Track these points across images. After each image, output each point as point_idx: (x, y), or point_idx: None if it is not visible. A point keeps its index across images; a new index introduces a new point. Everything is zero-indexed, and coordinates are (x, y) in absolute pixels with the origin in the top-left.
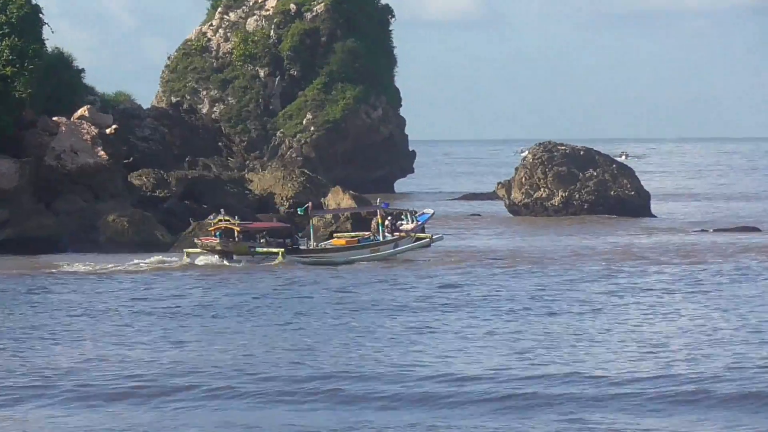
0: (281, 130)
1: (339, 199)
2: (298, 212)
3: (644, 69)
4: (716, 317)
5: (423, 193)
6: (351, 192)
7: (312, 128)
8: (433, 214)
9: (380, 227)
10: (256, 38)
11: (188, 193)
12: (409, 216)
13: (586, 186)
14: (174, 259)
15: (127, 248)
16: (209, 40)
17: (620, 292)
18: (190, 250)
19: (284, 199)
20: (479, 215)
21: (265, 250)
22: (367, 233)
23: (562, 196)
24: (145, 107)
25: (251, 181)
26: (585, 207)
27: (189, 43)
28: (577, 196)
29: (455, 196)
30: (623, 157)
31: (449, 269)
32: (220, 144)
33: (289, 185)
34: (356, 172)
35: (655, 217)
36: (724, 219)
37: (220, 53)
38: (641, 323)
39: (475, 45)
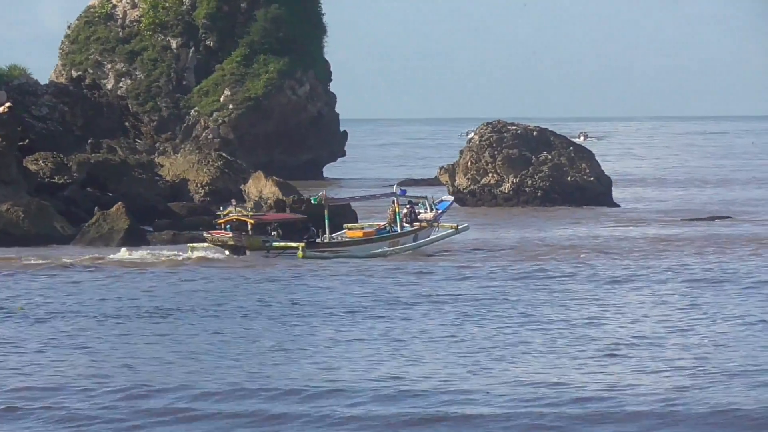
0: (196, 108)
1: (261, 186)
2: (311, 201)
3: (606, 41)
4: (684, 320)
5: (356, 179)
6: (275, 178)
7: (230, 106)
8: (453, 201)
9: (397, 217)
10: (167, 5)
11: (91, 179)
12: (426, 203)
13: (540, 171)
14: (174, 253)
15: (22, 242)
16: (114, 6)
17: (560, 296)
18: (196, 244)
19: (199, 186)
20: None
21: (283, 244)
22: (381, 224)
23: (512, 182)
24: (42, 83)
25: (162, 166)
26: (538, 195)
27: (92, 10)
28: (530, 182)
29: (392, 183)
30: (582, 138)
31: (387, 269)
32: (126, 124)
33: (204, 170)
34: (280, 155)
35: (618, 206)
36: (693, 207)
37: (127, 21)
38: (605, 329)
39: (416, 14)
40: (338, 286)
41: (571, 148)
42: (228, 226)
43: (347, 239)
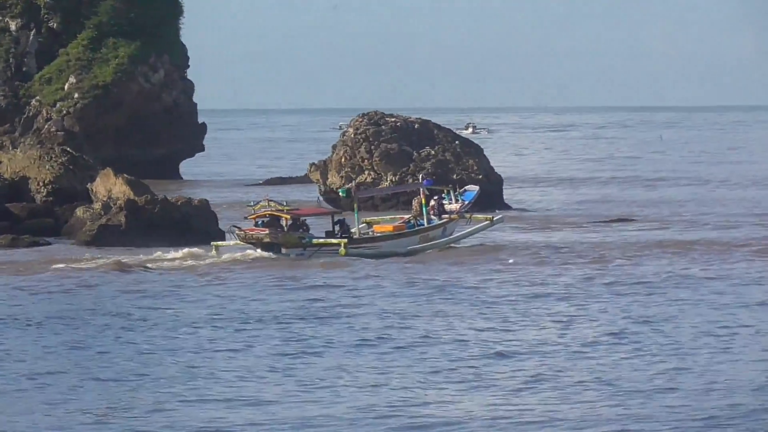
0: (37, 97)
1: (110, 185)
2: (340, 194)
3: (495, 22)
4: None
5: (216, 179)
6: (125, 176)
7: (76, 95)
8: (479, 191)
9: (423, 209)
10: None
11: None
12: (452, 194)
13: (422, 168)
14: (200, 252)
15: None
16: None
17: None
18: (221, 243)
19: (41, 184)
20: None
21: (322, 240)
22: (405, 216)
23: (391, 180)
24: None
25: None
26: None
27: None
28: (411, 180)
29: (258, 182)
30: (469, 130)
31: (263, 279)
32: None
33: (47, 167)
34: (132, 150)
35: (510, 208)
36: (594, 208)
37: None
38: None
39: None
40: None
41: (457, 142)
42: (260, 221)
43: (378, 234)
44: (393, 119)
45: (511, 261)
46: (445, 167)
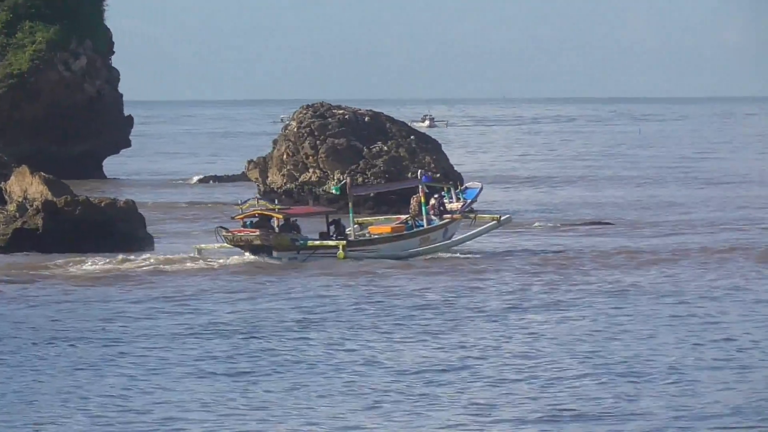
0: None
1: (25, 185)
2: (332, 191)
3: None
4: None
5: (143, 178)
6: (43, 174)
7: None
8: (482, 188)
9: (423, 208)
10: None
11: None
12: (452, 192)
13: (374, 166)
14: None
15: None
16: None
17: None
18: (204, 246)
19: None
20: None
21: (318, 242)
22: (402, 217)
23: (338, 179)
24: None
25: None
26: (371, 196)
27: None
28: (361, 179)
29: (191, 181)
30: (426, 123)
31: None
32: None
33: None
34: (51, 146)
35: (472, 210)
36: (565, 210)
37: None
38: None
39: None
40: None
41: (413, 137)
42: (248, 222)
43: (377, 236)
44: (341, 111)
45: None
46: (399, 165)
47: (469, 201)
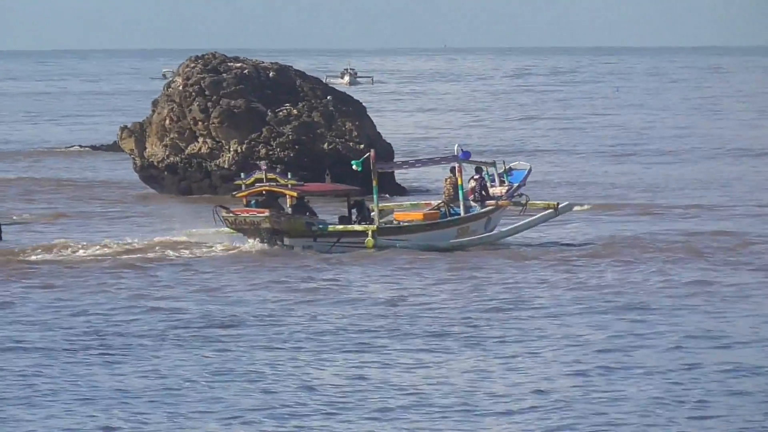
0: None
1: None
2: (353, 166)
3: None
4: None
5: None
6: None
7: None
8: (530, 169)
9: (460, 191)
10: None
11: None
12: (495, 172)
13: (280, 134)
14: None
15: None
16: None
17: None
18: (198, 230)
19: None
20: (97, 186)
21: (341, 228)
22: (432, 202)
23: (236, 151)
24: None
25: None
26: (276, 172)
27: None
28: (264, 151)
29: (45, 152)
30: (346, 80)
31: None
32: None
33: None
34: None
35: (405, 191)
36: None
37: None
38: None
39: None
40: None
41: (330, 97)
42: (253, 201)
43: (406, 224)
44: (238, 65)
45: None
46: (312, 132)
47: (515, 185)
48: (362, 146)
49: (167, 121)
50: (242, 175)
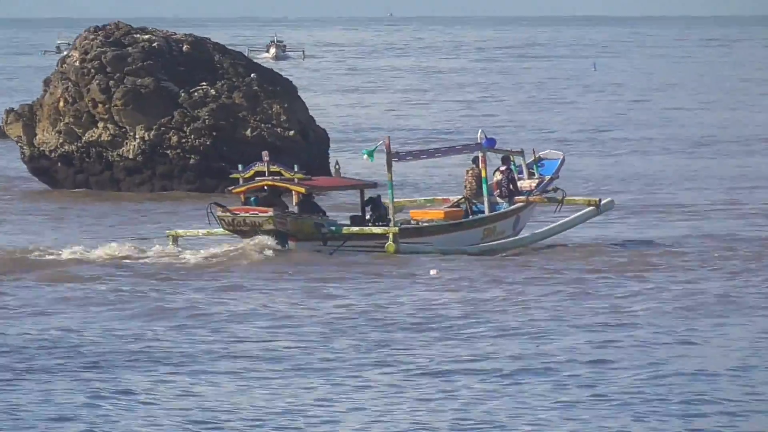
0: None
1: None
2: (363, 155)
3: None
4: None
5: None
6: None
7: None
8: (563, 159)
9: (484, 185)
10: None
11: None
12: (523, 163)
13: (195, 118)
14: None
15: None
16: None
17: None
18: (183, 231)
19: None
20: None
21: (357, 230)
22: (451, 198)
23: (142, 139)
24: None
25: None
26: (191, 163)
27: None
28: (176, 139)
29: None
30: (271, 53)
31: None
32: None
33: None
34: None
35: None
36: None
37: None
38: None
39: None
40: None
41: (254, 75)
42: (252, 198)
43: (426, 224)
44: (146, 37)
45: (434, 272)
46: (233, 116)
47: (547, 178)
48: (292, 132)
49: (61, 103)
50: (240, 167)
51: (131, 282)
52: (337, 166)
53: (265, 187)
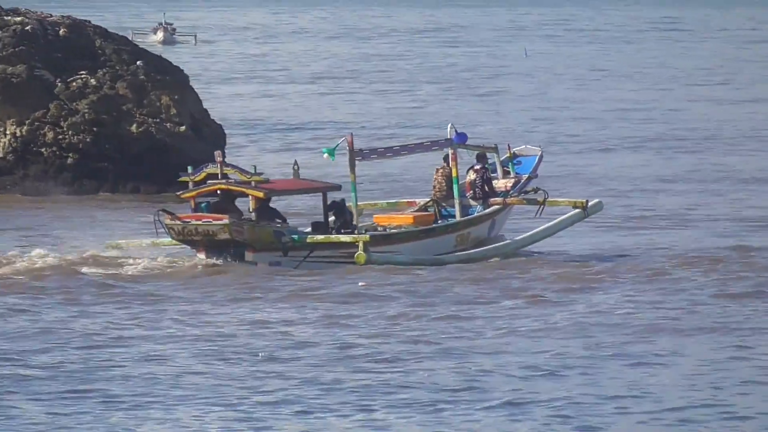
0: None
1: None
2: (324, 154)
3: None
4: None
5: None
6: None
7: None
8: (541, 155)
9: (454, 185)
10: None
11: None
12: (497, 160)
13: (74, 111)
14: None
15: None
16: None
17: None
18: (124, 242)
19: None
20: None
21: (321, 238)
22: (417, 200)
23: (13, 135)
24: None
25: None
26: (69, 163)
27: None
28: (51, 135)
29: None
30: (159, 36)
31: None
32: None
33: None
34: None
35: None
36: (406, 188)
37: None
38: None
39: None
40: None
41: (140, 62)
42: (203, 203)
43: (395, 230)
44: (18, 19)
45: (362, 284)
46: (117, 109)
47: (525, 176)
48: (183, 128)
49: None
50: (189, 169)
51: None
52: (296, 167)
53: (218, 192)
